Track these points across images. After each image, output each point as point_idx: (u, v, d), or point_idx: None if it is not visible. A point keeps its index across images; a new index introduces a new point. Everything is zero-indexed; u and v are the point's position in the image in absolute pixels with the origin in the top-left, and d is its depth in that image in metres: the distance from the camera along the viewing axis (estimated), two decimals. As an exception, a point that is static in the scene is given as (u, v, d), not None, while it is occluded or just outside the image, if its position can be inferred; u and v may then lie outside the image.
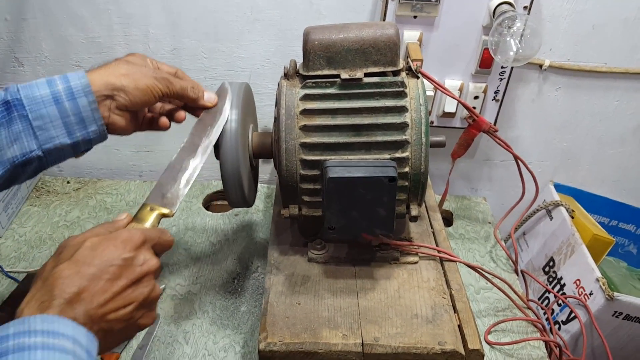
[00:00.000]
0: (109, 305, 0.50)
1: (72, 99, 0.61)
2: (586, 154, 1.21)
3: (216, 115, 0.73)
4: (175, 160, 0.68)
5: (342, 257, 0.82)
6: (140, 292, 0.52)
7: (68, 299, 0.47)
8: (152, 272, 0.54)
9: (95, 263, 0.50)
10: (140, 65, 0.68)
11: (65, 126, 0.62)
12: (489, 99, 1.08)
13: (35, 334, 0.44)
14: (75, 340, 0.46)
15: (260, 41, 1.06)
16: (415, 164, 0.75)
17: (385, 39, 0.74)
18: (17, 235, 1.05)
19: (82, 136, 0.63)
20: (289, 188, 0.77)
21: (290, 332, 0.71)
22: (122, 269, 0.51)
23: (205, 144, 0.70)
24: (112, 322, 0.50)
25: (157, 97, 0.67)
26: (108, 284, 0.50)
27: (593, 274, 0.99)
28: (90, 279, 0.49)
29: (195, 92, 0.72)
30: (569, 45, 1.06)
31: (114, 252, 0.51)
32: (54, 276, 0.48)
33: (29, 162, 0.62)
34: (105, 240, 0.52)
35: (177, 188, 0.65)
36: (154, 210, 0.62)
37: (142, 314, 0.53)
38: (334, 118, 0.75)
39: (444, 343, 0.70)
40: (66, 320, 0.46)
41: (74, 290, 0.48)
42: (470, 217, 1.16)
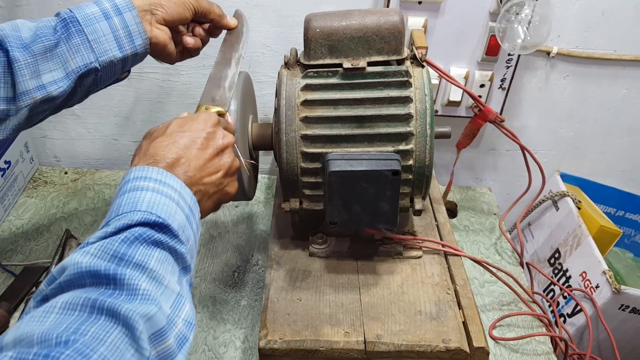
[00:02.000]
0: (203, 170, 0.57)
1: (119, 14, 0.66)
2: (593, 143, 1.18)
3: (239, 35, 0.79)
4: (215, 72, 0.73)
5: (344, 252, 0.81)
6: (225, 161, 0.60)
7: (170, 163, 0.55)
8: (231, 145, 0.62)
9: (186, 135, 0.57)
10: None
11: (116, 40, 0.67)
12: (495, 88, 1.05)
13: (149, 180, 0.51)
14: (180, 194, 0.53)
15: (259, 28, 1.03)
16: (419, 156, 0.73)
17: (389, 27, 0.71)
18: (14, 227, 1.03)
19: (131, 49, 0.68)
20: (290, 181, 0.75)
21: (291, 330, 0.69)
22: (209, 140, 0.59)
23: (237, 57, 0.76)
24: (207, 185, 0.58)
25: (190, 11, 0.73)
26: (200, 152, 0.57)
27: (600, 267, 0.97)
28: (185, 148, 0.56)
29: (220, 10, 0.78)
30: (578, 32, 1.03)
31: (199, 127, 0.59)
32: (154, 147, 0.56)
33: (88, 74, 0.66)
34: (189, 120, 0.60)
35: (224, 92, 0.70)
36: (209, 108, 0.66)
37: (228, 181, 0.61)
38: (336, 109, 0.72)
39: (449, 341, 0.68)
40: (175, 177, 0.53)
41: (174, 156, 0.55)
42: (475, 209, 1.14)
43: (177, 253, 0.50)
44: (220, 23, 0.79)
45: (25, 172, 1.13)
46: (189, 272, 0.52)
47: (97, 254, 0.44)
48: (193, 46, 0.77)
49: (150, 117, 1.15)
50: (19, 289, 0.89)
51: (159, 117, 1.14)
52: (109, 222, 0.48)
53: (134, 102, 1.13)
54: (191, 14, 0.73)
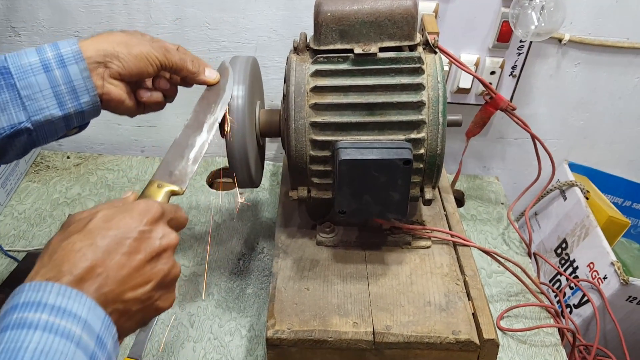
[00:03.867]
0: (126, 282, 0.45)
1: (62, 66, 0.57)
2: (602, 133, 1.17)
3: (219, 92, 0.69)
4: (181, 137, 0.64)
5: (351, 241, 0.80)
6: (159, 269, 0.48)
7: (79, 275, 0.42)
8: (171, 248, 0.50)
9: (111, 235, 0.45)
10: (137, 35, 0.64)
11: (56, 96, 0.57)
12: (505, 75, 1.03)
13: (43, 309, 0.40)
14: (86, 324, 0.41)
15: (267, 11, 1.01)
16: (431, 145, 0.71)
17: (402, 11, 0.70)
18: (16, 212, 1.02)
19: (74, 107, 0.59)
20: (298, 169, 0.74)
21: (299, 319, 0.68)
22: (140, 242, 0.47)
23: (211, 121, 0.66)
24: (129, 302, 0.45)
25: (153, 66, 0.63)
26: (125, 258, 0.45)
27: (608, 258, 0.96)
28: (105, 252, 0.44)
29: (196, 65, 0.67)
30: (591, 19, 1.01)
31: (130, 224, 0.47)
32: (63, 249, 0.44)
33: (17, 134, 0.58)
34: (120, 212, 0.48)
35: (186, 165, 0.61)
36: (162, 187, 0.57)
37: (160, 295, 0.49)
38: (347, 96, 0.71)
39: (458, 332, 0.67)
40: (83, 296, 0.42)
41: (87, 264, 0.43)
42: (482, 198, 1.13)
43: None
44: (196, 80, 0.68)
45: (27, 156, 1.11)
46: None
47: None
48: (149, 101, 0.67)
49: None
50: (22, 275, 0.87)
51: (162, 101, 1.12)
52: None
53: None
54: (155, 69, 0.63)
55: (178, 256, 0.94)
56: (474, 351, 0.67)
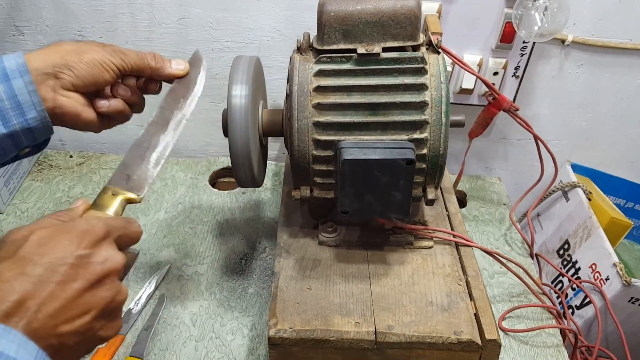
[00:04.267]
0: (61, 315, 0.40)
1: (5, 80, 0.53)
2: (605, 133, 1.17)
3: (189, 85, 0.64)
4: (143, 137, 0.59)
5: (354, 241, 0.80)
6: (101, 297, 0.43)
7: (7, 311, 0.38)
8: (115, 272, 0.44)
9: (44, 261, 0.41)
10: (89, 43, 0.60)
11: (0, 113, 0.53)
12: (508, 75, 1.03)
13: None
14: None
15: (270, 11, 1.01)
16: (434, 145, 0.71)
17: (405, 11, 0.70)
18: (19, 211, 1.02)
19: (20, 124, 0.55)
20: (301, 169, 0.74)
21: (300, 319, 0.68)
22: (78, 269, 0.42)
23: (178, 118, 0.62)
24: (64, 336, 0.41)
25: (110, 72, 0.59)
26: (60, 287, 0.41)
27: (610, 259, 0.96)
28: (37, 282, 0.40)
29: (159, 60, 0.63)
30: (594, 20, 1.01)
31: (67, 248, 0.42)
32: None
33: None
34: (57, 233, 0.43)
35: (146, 168, 0.56)
36: (117, 195, 0.52)
37: (103, 324, 0.44)
38: (350, 96, 0.71)
39: (460, 332, 0.67)
40: (12, 332, 0.38)
41: (15, 297, 0.39)
42: (484, 198, 1.13)
43: None
44: (162, 76, 0.63)
45: (30, 155, 1.12)
46: None
47: None
48: (109, 112, 0.61)
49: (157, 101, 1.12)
50: None
51: (165, 101, 1.13)
52: None
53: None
54: (113, 75, 0.59)
55: (180, 256, 0.94)
56: (476, 351, 0.67)
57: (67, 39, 1.05)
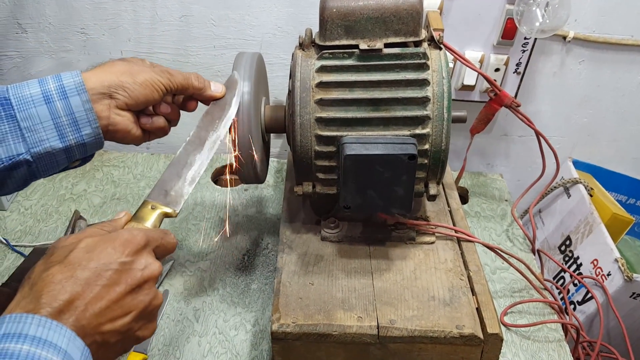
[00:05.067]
0: (105, 314, 0.45)
1: (64, 97, 0.56)
2: (606, 130, 1.17)
3: (225, 107, 0.68)
4: (180, 155, 0.63)
5: (356, 236, 0.80)
6: (140, 300, 0.48)
7: (59, 308, 0.43)
8: (153, 278, 0.49)
9: (91, 266, 0.45)
10: (139, 62, 0.63)
11: (57, 128, 0.56)
12: (510, 72, 1.03)
13: (24, 340, 0.40)
14: (66, 354, 0.41)
15: (272, 8, 1.02)
16: (436, 140, 0.71)
17: (407, 7, 0.70)
18: (23, 208, 1.02)
19: (76, 140, 0.58)
20: (303, 165, 0.74)
21: (303, 314, 0.69)
22: (121, 274, 0.47)
23: (213, 139, 0.66)
24: (107, 334, 0.45)
25: (159, 92, 0.63)
26: (104, 290, 0.45)
27: (612, 254, 0.96)
28: (85, 285, 0.44)
29: (201, 81, 0.67)
30: (595, 16, 1.01)
31: (112, 255, 0.47)
32: (43, 281, 0.44)
33: (16, 166, 0.57)
34: (103, 242, 0.48)
35: (182, 185, 0.61)
36: (155, 209, 0.58)
37: (141, 325, 0.49)
38: (352, 91, 0.71)
39: (462, 327, 0.67)
40: (63, 328, 0.42)
41: (66, 297, 0.43)
42: (486, 195, 1.13)
43: None
44: (202, 96, 0.68)
45: (33, 152, 1.13)
46: None
47: None
48: (152, 128, 0.65)
49: None
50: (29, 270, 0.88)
51: (168, 98, 1.13)
52: None
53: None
54: (161, 94, 0.63)
55: (183, 252, 0.95)
56: (478, 345, 0.67)
57: (70, 36, 1.06)
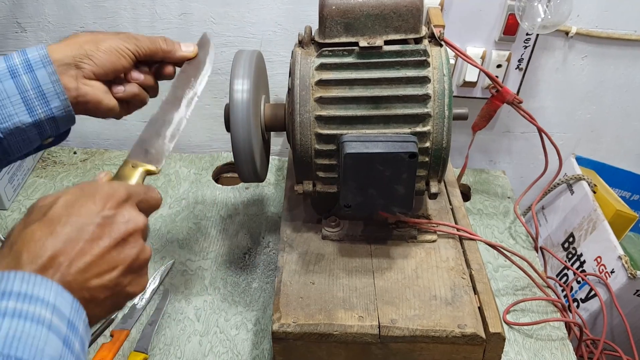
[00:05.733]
0: (90, 270, 0.43)
1: (29, 71, 0.56)
2: (610, 126, 1.16)
3: (199, 66, 0.68)
4: (158, 114, 0.63)
5: (357, 235, 0.79)
6: (126, 254, 0.46)
7: (41, 264, 0.41)
8: (138, 231, 0.47)
9: (72, 221, 0.43)
10: (103, 32, 0.63)
11: (25, 102, 0.56)
12: (512, 68, 1.02)
13: (9, 297, 0.38)
14: (55, 308, 0.39)
15: (272, 5, 1.01)
16: (436, 138, 0.71)
17: (407, 4, 0.69)
18: (24, 207, 1.02)
19: (45, 113, 0.57)
20: (303, 163, 0.73)
21: (304, 313, 0.68)
22: (104, 228, 0.44)
23: (190, 96, 0.65)
24: (95, 290, 0.44)
25: (127, 58, 0.62)
26: (88, 245, 0.43)
27: (615, 252, 0.96)
28: (67, 240, 0.43)
29: (169, 43, 0.66)
30: (598, 12, 1.00)
31: (93, 209, 0.45)
32: (23, 239, 0.42)
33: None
34: (83, 197, 0.45)
35: (162, 142, 0.59)
36: (137, 166, 0.55)
37: (130, 280, 0.47)
38: (352, 89, 0.70)
39: (464, 326, 0.67)
40: (49, 281, 0.40)
41: (48, 253, 0.41)
42: (488, 192, 1.13)
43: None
44: (174, 58, 0.67)
45: (34, 151, 1.12)
46: None
47: None
48: (126, 96, 0.64)
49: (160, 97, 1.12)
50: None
51: (168, 96, 1.12)
52: None
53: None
54: (130, 60, 0.62)
55: (184, 251, 0.94)
56: (480, 345, 0.67)
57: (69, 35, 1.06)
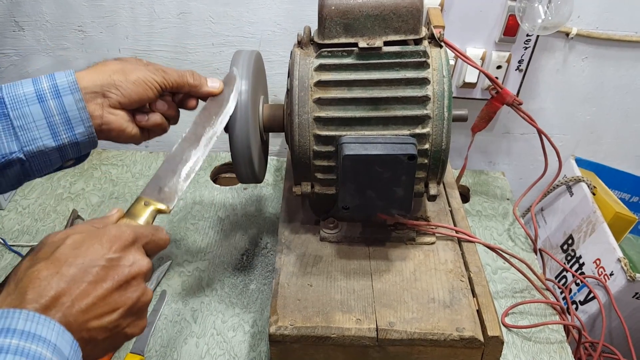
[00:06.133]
0: (91, 311, 0.44)
1: (57, 96, 0.56)
2: (610, 127, 1.16)
3: (222, 103, 0.68)
4: (176, 151, 0.63)
5: (355, 237, 0.79)
6: (128, 297, 0.47)
7: (45, 304, 0.42)
8: (141, 274, 0.49)
9: (77, 263, 0.45)
10: (132, 61, 0.63)
11: (50, 127, 0.57)
12: (512, 69, 1.02)
13: (12, 334, 0.39)
14: (55, 348, 0.41)
15: (271, 5, 1.00)
16: (436, 140, 0.70)
17: (407, 4, 0.69)
18: (20, 207, 1.02)
19: (69, 139, 0.58)
20: (302, 164, 0.73)
21: (301, 316, 0.68)
22: (108, 270, 0.46)
23: (209, 135, 0.65)
24: (94, 331, 0.45)
25: (153, 90, 0.63)
26: (91, 286, 0.45)
27: (614, 254, 0.95)
28: (71, 281, 0.44)
29: (197, 78, 0.67)
30: (598, 13, 1.00)
31: (99, 251, 0.46)
32: (29, 277, 0.43)
33: (9, 165, 0.57)
34: (90, 238, 0.47)
35: (177, 182, 0.60)
36: (148, 205, 0.57)
37: (129, 322, 0.48)
38: (351, 90, 0.70)
39: (462, 329, 0.67)
40: (52, 321, 0.42)
41: (52, 293, 0.43)
42: (487, 193, 1.12)
43: None
44: (199, 93, 0.68)
45: (31, 151, 1.12)
46: None
47: None
48: (148, 125, 0.65)
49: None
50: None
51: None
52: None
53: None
54: (155, 93, 0.63)
55: (181, 252, 0.94)
56: (478, 348, 0.67)
57: (67, 34, 1.05)
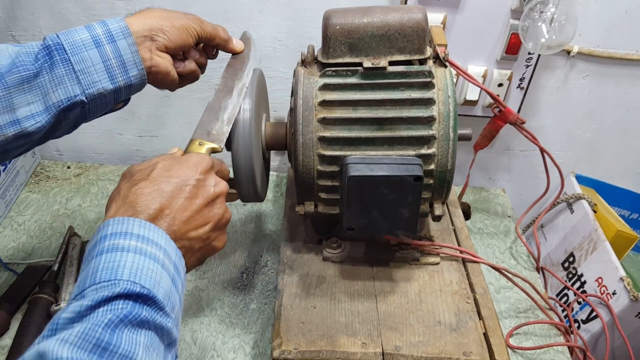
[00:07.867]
0: (190, 222, 0.51)
1: (112, 41, 0.60)
2: (610, 145, 1.16)
3: (244, 60, 0.73)
4: (214, 101, 0.68)
5: (359, 257, 0.78)
6: (215, 213, 0.54)
7: (153, 214, 0.49)
8: (223, 194, 0.55)
9: (173, 182, 0.51)
10: (174, 11, 0.68)
11: (107, 70, 0.60)
12: (513, 87, 1.02)
13: (131, 237, 0.45)
14: (165, 252, 0.47)
15: (271, 22, 1.00)
16: (441, 160, 0.70)
17: (412, 24, 0.68)
18: (16, 224, 1.00)
19: (124, 81, 0.62)
20: (305, 184, 0.72)
21: (305, 339, 0.67)
22: (198, 189, 0.53)
23: (239, 86, 0.70)
24: (192, 240, 0.52)
25: (193, 37, 0.67)
26: (187, 201, 0.51)
27: (617, 273, 0.95)
28: (170, 197, 0.50)
29: (227, 34, 0.72)
30: (600, 31, 1.00)
31: (187, 173, 0.53)
32: (134, 194, 0.49)
33: (73, 107, 0.61)
34: (177, 163, 0.54)
35: (221, 125, 0.65)
36: (203, 145, 0.62)
37: (216, 236, 0.55)
38: (355, 110, 0.69)
39: (470, 353, 0.66)
40: (160, 230, 0.48)
41: (157, 206, 0.49)
42: (488, 210, 1.12)
43: (164, 330, 0.44)
44: (226, 48, 0.73)
45: (26, 166, 1.10)
46: (174, 346, 0.47)
47: (78, 342, 0.39)
48: (184, 71, 0.70)
49: (156, 112, 1.11)
50: (21, 289, 0.86)
51: (164, 111, 1.11)
52: (83, 291, 0.43)
53: (140, 96, 1.07)
54: (194, 39, 0.67)
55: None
56: (486, 373, 0.66)
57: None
